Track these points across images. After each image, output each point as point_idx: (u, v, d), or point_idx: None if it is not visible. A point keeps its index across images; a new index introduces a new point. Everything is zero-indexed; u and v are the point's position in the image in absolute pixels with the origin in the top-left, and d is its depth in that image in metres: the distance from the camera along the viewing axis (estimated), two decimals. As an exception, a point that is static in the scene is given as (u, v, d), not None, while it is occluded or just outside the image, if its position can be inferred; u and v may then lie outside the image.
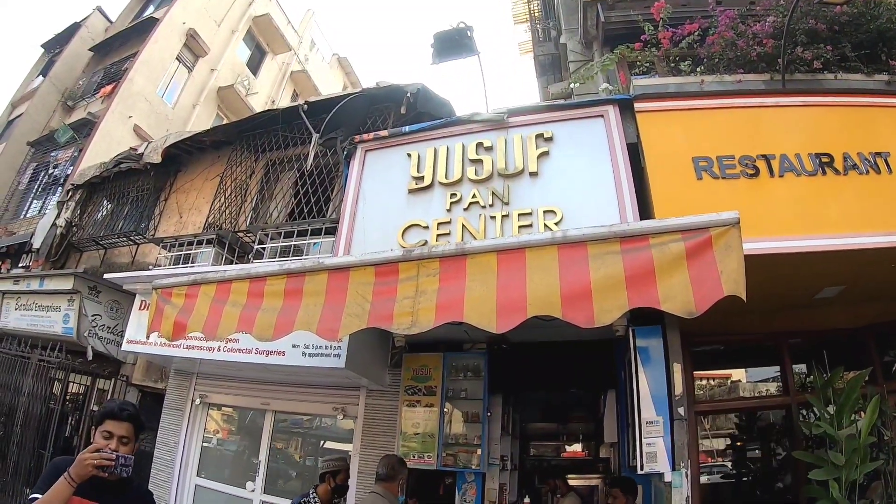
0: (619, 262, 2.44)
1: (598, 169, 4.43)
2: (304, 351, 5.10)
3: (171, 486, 6.60)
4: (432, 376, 5.39)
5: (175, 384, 7.08)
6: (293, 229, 6.23)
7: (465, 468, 5.14)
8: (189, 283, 3.65)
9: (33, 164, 14.72)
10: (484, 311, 2.50)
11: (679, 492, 3.64)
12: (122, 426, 2.37)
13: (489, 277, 2.60)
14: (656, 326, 4.01)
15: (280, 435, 6.58)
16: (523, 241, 2.68)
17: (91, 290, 7.82)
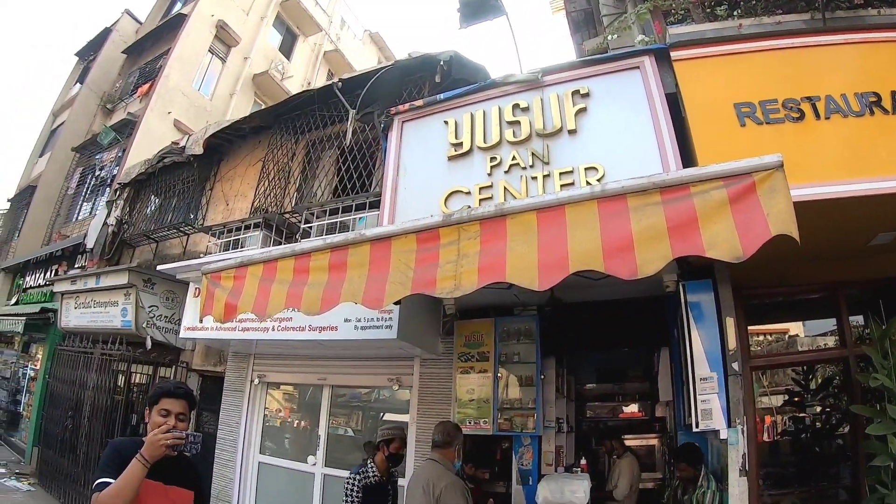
0: (660, 213, 2.44)
1: (637, 122, 4.42)
2: (356, 325, 5.27)
3: (236, 465, 7.00)
4: (484, 342, 5.45)
5: (233, 366, 7.45)
6: (338, 206, 6.44)
7: (521, 432, 5.19)
8: (237, 266, 3.79)
9: (80, 168, 15.45)
10: (525, 269, 2.53)
11: (735, 449, 3.62)
12: (178, 403, 2.51)
13: (530, 236, 2.63)
14: (707, 280, 3.98)
15: (339, 409, 6.84)
16: (562, 198, 2.69)
17: (146, 283, 8.22)
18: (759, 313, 4.95)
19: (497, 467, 6.01)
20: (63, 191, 15.87)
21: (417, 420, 5.75)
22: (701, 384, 3.76)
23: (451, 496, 3.61)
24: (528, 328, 5.38)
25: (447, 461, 3.86)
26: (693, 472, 4.59)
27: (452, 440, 3.93)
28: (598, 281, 4.29)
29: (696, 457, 4.65)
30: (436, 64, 6.34)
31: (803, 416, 5.16)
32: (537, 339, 5.32)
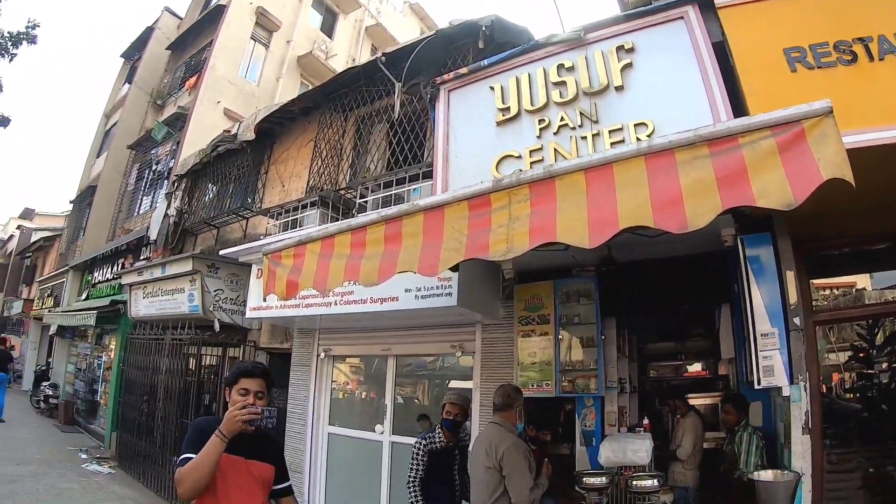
0: (708, 166, 2.43)
1: (685, 74, 4.38)
2: (416, 294, 5.40)
3: (306, 437, 7.33)
4: (544, 304, 5.47)
5: (299, 342, 7.76)
6: (391, 178, 6.59)
7: (584, 393, 5.23)
8: (296, 244, 3.91)
9: (136, 164, 16.05)
10: (576, 228, 2.56)
11: (798, 406, 3.59)
12: (256, 382, 2.64)
13: (579, 196, 2.65)
14: (765, 234, 3.93)
15: (404, 379, 7.04)
16: (609, 157, 2.71)
17: (210, 268, 8.55)
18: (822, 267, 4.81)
19: (560, 429, 6.09)
20: (122, 188, 16.55)
21: (481, 385, 5.85)
22: (762, 340, 3.74)
23: (511, 457, 3.72)
24: (587, 289, 5.37)
25: (508, 423, 3.96)
26: (737, 417, 4.76)
27: (512, 402, 4.04)
28: (655, 238, 4.28)
29: (741, 404, 4.80)
30: (478, 30, 6.35)
31: (870, 372, 5.05)
32: (596, 300, 5.31)
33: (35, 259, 26.35)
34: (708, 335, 7.32)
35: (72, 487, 8.47)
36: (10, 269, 30.61)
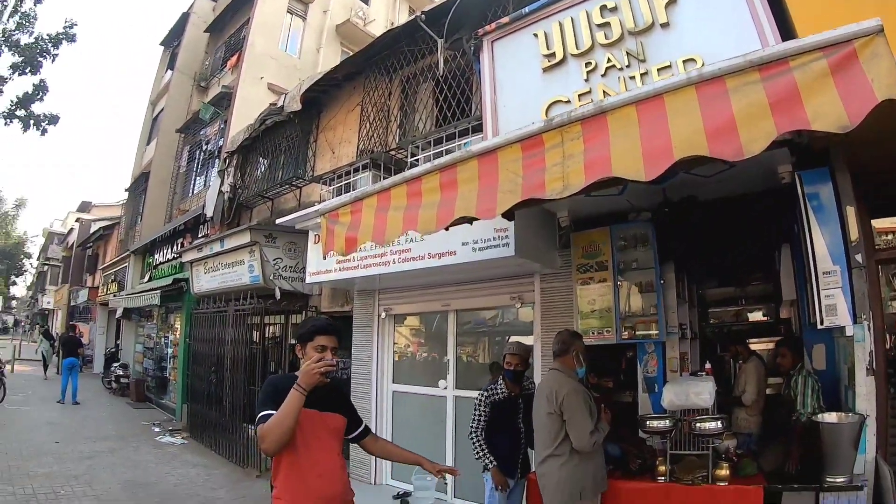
0: (760, 91, 2.39)
1: (731, 4, 4.25)
2: (473, 247, 5.43)
3: (371, 396, 7.53)
4: (602, 251, 5.44)
5: (360, 304, 7.94)
6: (441, 135, 6.61)
7: (644, 339, 5.24)
8: (352, 201, 4.00)
9: (186, 147, 16.50)
10: (630, 161, 2.55)
11: (862, 346, 3.55)
12: (331, 338, 2.73)
13: (631, 129, 2.63)
14: (824, 169, 3.85)
15: (465, 337, 7.12)
16: (659, 88, 2.67)
17: (267, 238, 8.77)
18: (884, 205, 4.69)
19: (622, 377, 6.06)
20: (175, 170, 17.06)
21: (542, 336, 5.88)
22: (824, 279, 3.68)
23: (571, 401, 3.76)
24: (644, 234, 5.31)
25: (568, 368, 4.01)
26: (792, 360, 4.70)
27: (569, 347, 4.07)
28: (710, 178, 4.25)
29: (796, 347, 4.75)
30: (517, -24, 6.26)
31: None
32: (654, 244, 5.25)
33: (96, 248, 27.43)
34: (768, 278, 7.17)
35: (147, 459, 8.95)
36: (73, 260, 31.99)
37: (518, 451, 4.68)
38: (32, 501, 6.24)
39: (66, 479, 7.31)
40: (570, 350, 4.06)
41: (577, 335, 4.27)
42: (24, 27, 19.69)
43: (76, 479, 7.31)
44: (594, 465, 3.88)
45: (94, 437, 10.33)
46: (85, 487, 6.98)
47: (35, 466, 7.77)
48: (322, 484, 2.63)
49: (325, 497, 2.64)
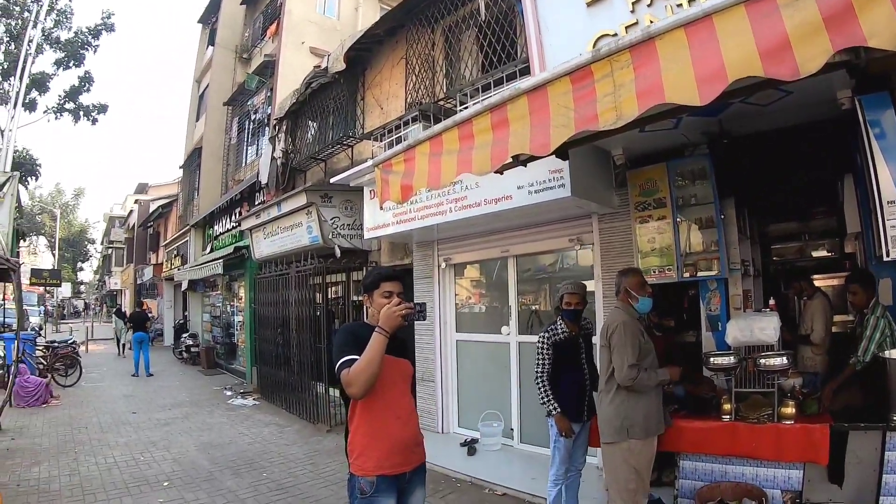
0: (812, 6, 2.24)
1: None
2: (529, 190, 5.41)
3: (435, 345, 7.71)
4: (659, 188, 5.34)
5: (420, 255, 8.07)
6: (488, 81, 6.54)
7: (706, 277, 5.14)
8: (405, 149, 3.96)
9: (235, 118, 16.77)
10: (683, 86, 2.45)
11: None
12: (396, 284, 2.75)
13: (682, 53, 2.51)
14: (884, 93, 3.64)
15: (525, 286, 7.15)
16: (707, 9, 2.52)
17: (323, 198, 8.90)
18: None
19: (685, 315, 6.02)
20: (226, 143, 17.40)
21: (603, 277, 5.87)
22: (889, 208, 3.52)
23: (617, 335, 3.77)
24: (702, 168, 5.19)
25: (625, 305, 4.00)
26: (865, 297, 4.46)
27: (619, 284, 4.06)
28: (767, 107, 4.16)
29: (868, 282, 4.50)
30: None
31: None
32: (712, 178, 5.13)
33: (157, 227, 28.39)
34: (831, 211, 6.96)
35: (221, 421, 9.33)
36: (136, 240, 33.19)
37: (583, 395, 4.58)
38: (114, 469, 6.58)
39: (144, 445, 7.69)
40: (619, 287, 4.06)
41: (624, 271, 4.22)
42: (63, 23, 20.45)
43: (154, 445, 7.69)
44: (647, 404, 3.80)
45: (168, 405, 10.82)
46: (163, 452, 7.34)
47: (115, 437, 8.18)
48: (398, 426, 2.67)
49: (402, 439, 2.68)
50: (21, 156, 20.44)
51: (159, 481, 6.15)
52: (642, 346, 3.80)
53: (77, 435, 8.24)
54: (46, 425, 8.85)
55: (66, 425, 8.88)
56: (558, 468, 4.50)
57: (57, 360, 13.08)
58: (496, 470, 6.12)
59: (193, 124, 21.93)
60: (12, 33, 19.94)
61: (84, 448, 7.51)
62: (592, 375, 4.65)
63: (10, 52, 19.91)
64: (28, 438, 7.98)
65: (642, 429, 3.73)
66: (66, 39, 21.10)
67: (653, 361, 3.88)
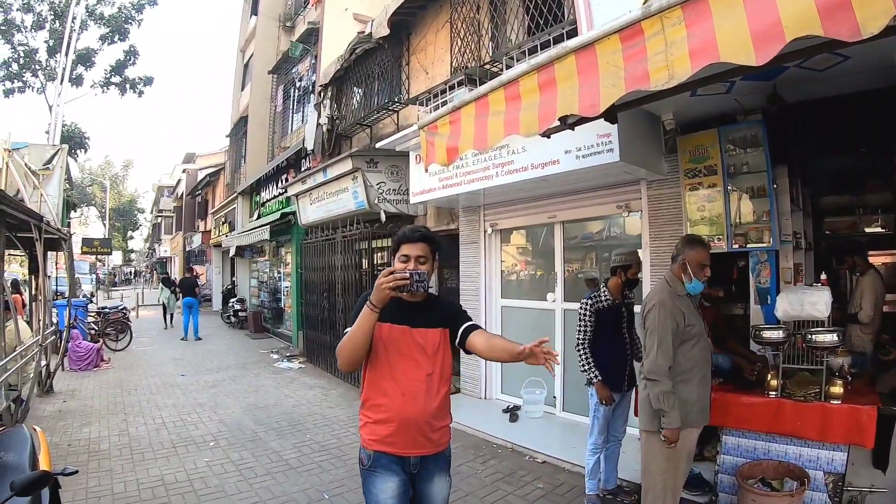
0: None
1: None
2: (576, 154, 5.36)
3: (480, 311, 7.76)
4: (710, 155, 5.23)
5: (465, 220, 8.12)
6: (535, 43, 6.46)
7: (757, 247, 5.04)
8: (450, 111, 3.90)
9: (280, 87, 16.91)
10: (738, 44, 2.34)
11: None
12: (416, 247, 2.52)
13: (735, 11, 2.38)
14: None
15: (572, 254, 7.14)
16: None
17: (369, 164, 8.96)
18: None
19: (734, 287, 5.92)
20: (272, 111, 17.58)
21: (650, 244, 5.83)
22: None
23: (652, 317, 3.44)
24: (754, 135, 5.04)
25: (674, 278, 3.58)
26: None
27: (678, 253, 3.63)
28: (823, 72, 4.04)
29: None
30: None
31: None
32: (765, 146, 4.99)
33: (204, 195, 29.08)
34: (886, 185, 6.74)
35: (266, 384, 9.61)
36: (184, 209, 34.06)
37: (624, 364, 4.58)
38: (162, 430, 6.84)
39: (192, 407, 7.98)
40: (677, 257, 3.62)
41: (692, 241, 3.68)
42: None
43: (201, 407, 7.97)
44: (689, 391, 3.45)
45: (216, 367, 11.17)
46: (210, 413, 7.61)
47: (163, 398, 8.50)
48: (404, 403, 2.47)
49: (408, 417, 2.47)
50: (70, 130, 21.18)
51: (206, 441, 6.39)
52: (682, 328, 3.41)
53: (127, 397, 8.60)
54: (97, 388, 9.24)
55: (116, 388, 9.26)
56: (597, 437, 4.51)
57: (108, 325, 13.62)
58: (537, 437, 6.19)
59: (239, 94, 22.22)
60: (56, 11, 20.58)
61: (133, 409, 7.84)
62: (633, 344, 4.66)
63: (54, 30, 20.57)
64: (79, 400, 8.35)
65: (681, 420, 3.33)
66: (110, 15, 21.72)
67: (700, 340, 3.50)
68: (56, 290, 13.60)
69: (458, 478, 5.18)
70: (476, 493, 4.93)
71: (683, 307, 3.46)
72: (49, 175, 9.71)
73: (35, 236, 6.54)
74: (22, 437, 3.06)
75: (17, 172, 7.64)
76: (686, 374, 3.41)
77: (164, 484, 5.16)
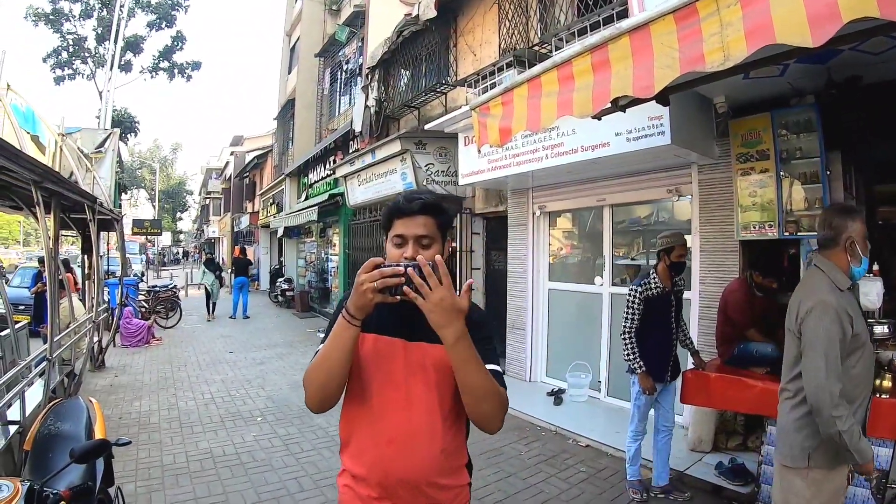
0: None
1: None
2: (627, 137, 5.34)
3: (527, 294, 7.85)
4: (762, 139, 5.18)
5: (514, 202, 8.15)
6: (584, 24, 6.40)
7: (809, 235, 4.90)
8: (502, 92, 3.92)
9: (327, 69, 17.14)
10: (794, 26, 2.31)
11: None
12: (415, 222, 1.68)
13: None
14: None
15: (620, 238, 7.12)
16: None
17: (418, 145, 9.06)
18: None
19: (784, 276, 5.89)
20: (319, 93, 17.83)
21: (700, 230, 5.79)
22: None
23: (814, 325, 2.46)
24: (808, 119, 4.98)
25: (833, 267, 2.60)
26: None
27: (838, 229, 2.63)
28: (879, 55, 3.96)
29: None
30: None
31: None
32: (819, 131, 4.93)
33: (252, 177, 29.63)
34: None
35: (312, 362, 9.96)
36: (232, 190, 34.69)
37: (669, 354, 4.49)
38: (211, 404, 7.10)
39: (240, 383, 8.26)
40: (840, 237, 2.62)
41: (848, 211, 2.73)
42: (152, -14, 21.64)
43: (249, 383, 8.25)
44: None
45: (264, 345, 11.50)
46: (257, 389, 7.87)
47: (212, 374, 8.81)
48: (395, 454, 1.64)
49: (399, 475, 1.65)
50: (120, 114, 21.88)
51: (253, 416, 6.63)
52: (849, 336, 2.44)
53: (176, 373, 8.93)
54: (148, 363, 9.62)
55: (166, 363, 9.61)
56: (637, 424, 4.48)
57: (158, 303, 14.20)
58: (581, 421, 6.25)
59: (286, 77, 22.61)
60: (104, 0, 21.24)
61: (182, 385, 8.14)
62: (681, 334, 4.63)
63: (102, 19, 21.22)
64: (130, 375, 8.70)
65: (830, 456, 2.48)
66: (157, 2, 22.31)
67: (865, 351, 2.53)
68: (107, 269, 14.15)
69: (501, 458, 5.33)
70: (519, 475, 5.01)
71: (850, 307, 2.50)
72: (101, 158, 10.09)
73: (89, 217, 6.75)
74: (78, 407, 3.21)
75: (70, 156, 7.91)
76: (847, 398, 2.41)
77: (212, 457, 5.37)
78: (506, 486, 4.78)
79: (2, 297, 4.93)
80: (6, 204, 5.10)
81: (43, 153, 6.75)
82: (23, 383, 3.95)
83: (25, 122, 5.98)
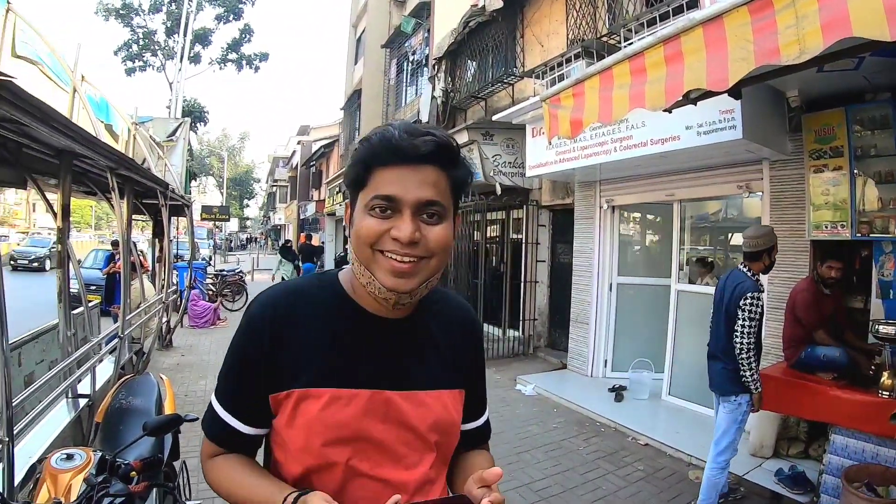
0: None
1: None
2: (698, 130, 5.28)
3: (592, 288, 7.81)
4: (836, 135, 5.01)
5: (581, 195, 8.11)
6: (654, 15, 6.29)
7: (882, 237, 4.72)
8: (573, 84, 3.92)
9: (393, 60, 17.37)
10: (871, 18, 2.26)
11: None
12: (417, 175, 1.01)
13: None
14: None
15: (688, 234, 7.01)
16: None
17: (485, 136, 9.12)
18: None
19: (854, 278, 5.63)
20: (385, 84, 18.06)
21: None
22: None
23: None
24: (884, 116, 4.76)
25: None
26: None
27: None
28: None
29: None
30: None
31: None
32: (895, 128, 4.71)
33: (319, 166, 30.24)
34: None
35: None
36: (299, 179, 35.55)
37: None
38: None
39: None
40: None
41: None
42: (219, -19, 22.33)
43: None
44: None
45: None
46: None
47: None
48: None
49: None
50: (190, 104, 22.75)
51: (312, 397, 6.90)
52: None
53: (240, 353, 9.34)
54: (213, 344, 9.94)
55: (230, 344, 10.07)
56: (733, 451, 3.99)
57: (225, 286, 14.71)
58: (642, 419, 6.19)
59: (352, 67, 22.99)
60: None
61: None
62: None
63: (171, 12, 22.08)
64: (196, 355, 9.04)
65: None
66: (224, -4, 23.06)
67: None
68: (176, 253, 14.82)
69: (559, 452, 5.37)
70: (576, 469, 5.04)
71: None
72: (172, 146, 10.55)
73: (161, 202, 6.93)
74: (149, 383, 3.31)
75: (143, 144, 8.18)
76: None
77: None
78: (563, 479, 4.82)
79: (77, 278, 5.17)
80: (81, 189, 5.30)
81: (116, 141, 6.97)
82: (94, 359, 4.12)
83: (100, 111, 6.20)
